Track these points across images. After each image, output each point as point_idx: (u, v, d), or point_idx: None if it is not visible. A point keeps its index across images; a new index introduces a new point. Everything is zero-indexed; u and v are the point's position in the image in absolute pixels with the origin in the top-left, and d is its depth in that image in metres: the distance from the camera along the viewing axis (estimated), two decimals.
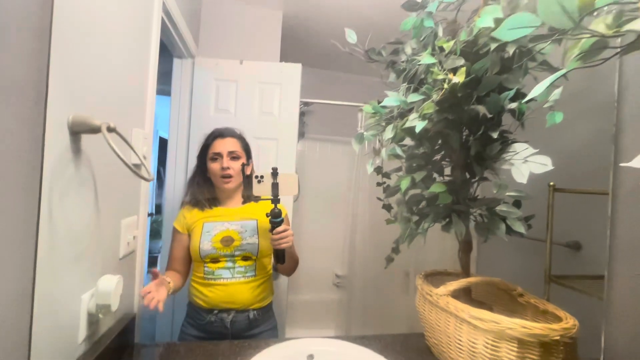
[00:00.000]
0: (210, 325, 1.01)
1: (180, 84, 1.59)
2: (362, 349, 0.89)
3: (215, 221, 1.04)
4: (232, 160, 1.05)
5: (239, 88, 1.57)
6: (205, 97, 1.57)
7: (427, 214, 0.89)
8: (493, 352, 0.69)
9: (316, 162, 2.45)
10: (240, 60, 1.57)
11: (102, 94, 0.70)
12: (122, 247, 0.83)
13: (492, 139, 0.75)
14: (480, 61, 0.72)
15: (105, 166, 0.72)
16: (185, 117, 1.58)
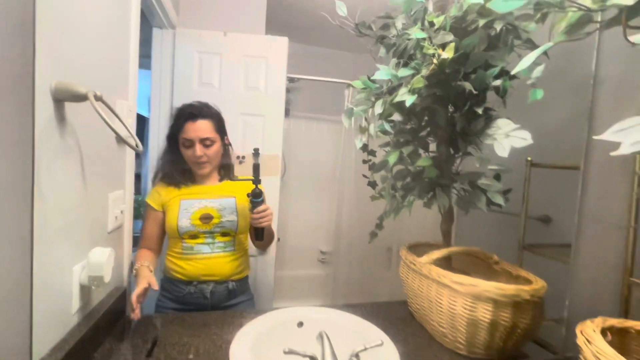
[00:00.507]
0: (190, 296, 1.03)
1: (160, 56, 1.52)
2: (348, 315, 0.94)
3: (192, 199, 1.04)
4: (206, 148, 1.01)
5: (223, 61, 1.52)
6: (187, 70, 1.51)
7: (412, 188, 0.93)
8: (471, 312, 0.75)
9: (302, 141, 2.44)
10: (224, 32, 1.51)
11: (84, 62, 0.66)
12: (111, 221, 0.82)
13: (477, 114, 0.78)
14: (468, 37, 0.73)
15: (90, 138, 0.70)
16: (167, 91, 1.52)
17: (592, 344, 0.50)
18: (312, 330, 0.81)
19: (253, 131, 1.54)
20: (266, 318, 0.91)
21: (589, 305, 0.72)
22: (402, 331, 0.90)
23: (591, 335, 0.52)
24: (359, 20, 0.94)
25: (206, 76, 1.52)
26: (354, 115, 0.91)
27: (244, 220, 1.07)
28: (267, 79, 1.54)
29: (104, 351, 0.73)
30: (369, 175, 1.12)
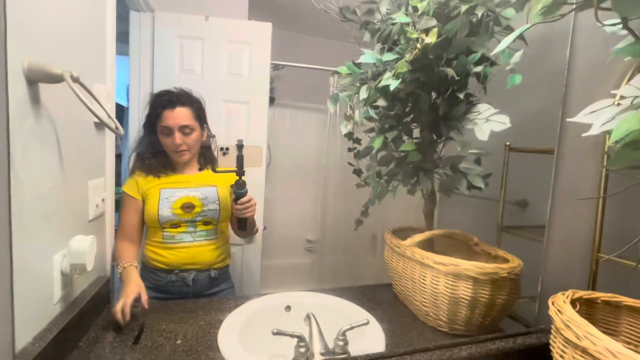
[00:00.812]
0: (171, 284, 1.02)
1: (139, 41, 1.46)
2: (335, 298, 0.96)
3: (173, 188, 1.02)
4: (185, 136, 0.99)
5: (205, 46, 1.48)
6: (168, 56, 1.47)
7: (396, 174, 0.95)
8: (452, 291, 0.78)
9: (287, 129, 2.43)
10: (205, 16, 1.47)
11: (58, 43, 0.64)
12: (91, 209, 0.80)
13: (459, 100, 0.80)
14: (450, 23, 0.74)
15: (68, 122, 0.68)
16: (146, 78, 1.48)
17: (563, 313, 0.53)
18: (299, 314, 0.83)
19: (237, 118, 1.52)
20: (254, 303, 0.92)
21: (561, 280, 0.77)
22: (387, 312, 0.93)
23: (562, 305, 0.55)
24: (343, 4, 0.94)
25: (188, 62, 1.48)
26: (340, 101, 0.91)
27: (226, 209, 1.07)
28: (251, 66, 1.52)
29: (89, 340, 0.72)
30: (354, 163, 1.13)
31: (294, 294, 0.99)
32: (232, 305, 0.89)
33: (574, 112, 0.54)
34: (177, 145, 0.99)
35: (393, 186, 0.93)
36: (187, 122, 0.99)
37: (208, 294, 1.07)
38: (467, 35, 0.77)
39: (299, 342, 0.67)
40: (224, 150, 0.94)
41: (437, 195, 1.01)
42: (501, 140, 0.99)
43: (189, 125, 0.99)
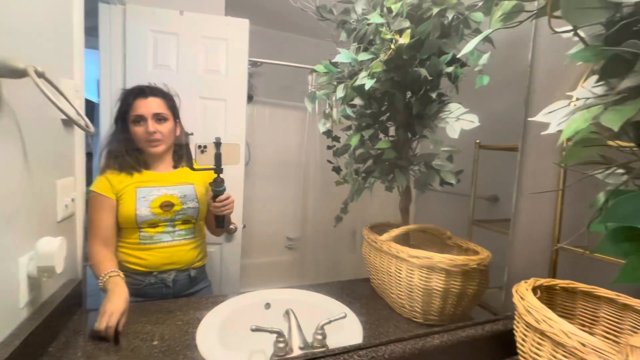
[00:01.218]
0: (150, 287, 1.00)
1: (110, 35, 1.41)
2: (314, 294, 0.98)
3: (149, 186, 1.00)
4: (159, 124, 0.98)
5: (180, 42, 1.44)
6: (141, 51, 1.42)
7: (373, 171, 0.97)
8: (426, 283, 0.81)
9: (266, 126, 2.41)
10: (180, 11, 1.43)
11: (21, 36, 0.61)
12: (60, 210, 0.77)
13: (431, 99, 0.83)
14: (423, 24, 0.77)
15: (33, 120, 0.65)
16: (118, 73, 1.42)
17: (525, 300, 0.57)
18: (279, 310, 0.84)
19: (214, 116, 1.50)
20: (233, 301, 0.92)
21: (525, 270, 0.82)
22: (365, 305, 0.95)
23: (524, 293, 0.59)
24: (320, 3, 0.94)
25: (162, 58, 1.44)
26: (317, 99, 0.92)
27: (205, 207, 1.06)
28: (228, 62, 1.50)
29: (60, 345, 0.69)
30: (333, 161, 1.14)
31: (273, 291, 1.00)
32: (211, 304, 0.88)
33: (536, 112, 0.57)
34: (151, 133, 0.96)
35: (370, 183, 0.95)
36: (160, 110, 0.98)
37: (188, 293, 1.06)
38: (438, 37, 0.80)
39: (277, 337, 0.67)
40: (202, 148, 0.93)
41: (413, 192, 1.04)
42: (472, 138, 1.03)
43: (162, 113, 0.98)
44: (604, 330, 0.64)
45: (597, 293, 0.63)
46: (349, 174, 1.02)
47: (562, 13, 0.35)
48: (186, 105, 1.10)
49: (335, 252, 2.10)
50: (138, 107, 0.97)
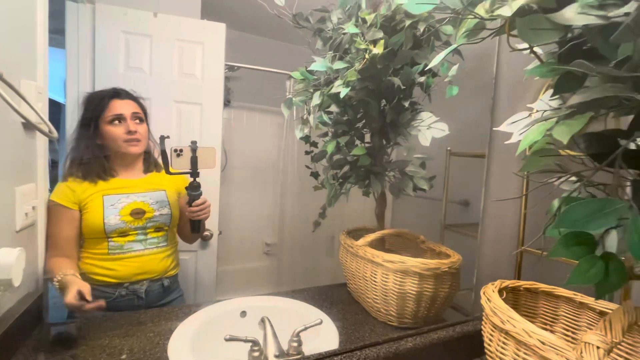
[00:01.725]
0: (121, 299, 0.95)
1: (77, 35, 1.35)
2: (291, 300, 0.97)
3: (118, 194, 0.96)
4: (138, 124, 0.98)
5: (154, 44, 1.40)
6: (112, 52, 1.37)
7: (349, 177, 0.99)
8: (400, 286, 0.83)
9: (243, 131, 2.39)
10: (154, 13, 1.40)
11: None
12: (19, 218, 0.73)
13: (404, 107, 0.86)
14: (396, 35, 0.79)
15: None
16: (86, 74, 1.36)
17: (491, 301, 0.60)
18: (255, 318, 0.82)
19: (189, 120, 1.47)
20: (208, 310, 0.90)
21: (493, 272, 0.86)
22: (341, 310, 0.96)
23: (491, 295, 0.62)
24: (296, 11, 0.95)
25: (134, 60, 1.40)
26: (293, 106, 0.93)
27: (177, 213, 1.04)
28: (204, 66, 1.47)
29: None
30: (311, 166, 1.15)
31: (249, 298, 0.99)
32: (184, 314, 0.86)
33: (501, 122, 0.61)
34: (132, 132, 0.95)
35: (346, 189, 0.97)
36: (138, 111, 0.99)
37: (161, 304, 1.02)
38: (411, 48, 0.83)
39: (252, 346, 0.67)
40: (178, 151, 0.93)
41: (389, 197, 1.07)
42: (444, 145, 1.08)
43: (140, 113, 0.98)
44: (564, 327, 0.68)
45: (557, 293, 0.67)
46: (326, 179, 1.03)
47: (517, 33, 0.37)
48: (160, 108, 1.08)
49: (313, 257, 2.10)
50: (116, 108, 0.95)
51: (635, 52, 0.35)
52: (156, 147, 1.06)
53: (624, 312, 0.47)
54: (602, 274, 0.34)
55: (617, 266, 0.35)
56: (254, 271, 2.42)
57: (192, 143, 0.94)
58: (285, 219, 2.07)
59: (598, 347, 0.42)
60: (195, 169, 0.93)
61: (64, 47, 1.38)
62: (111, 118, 0.94)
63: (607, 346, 0.43)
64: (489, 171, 0.84)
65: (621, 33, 0.34)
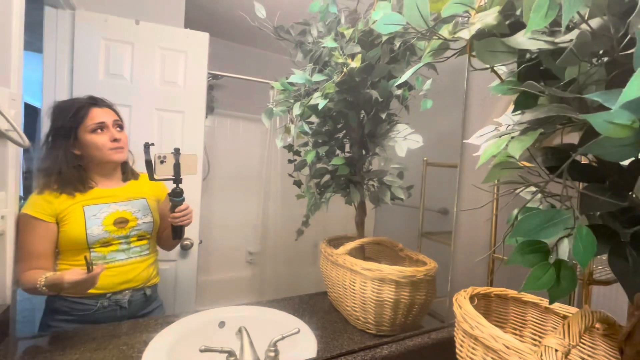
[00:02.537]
0: (102, 311, 0.92)
1: (55, 40, 1.33)
2: (270, 310, 0.97)
3: (98, 204, 0.94)
4: (119, 131, 0.98)
5: (135, 51, 1.40)
6: (91, 59, 1.35)
7: (329, 186, 1.00)
8: (378, 294, 0.84)
9: (227, 139, 2.38)
10: (136, 20, 1.40)
11: None
12: None
13: (382, 119, 0.88)
14: (373, 50, 0.83)
15: None
16: (64, 79, 1.34)
17: (462, 308, 0.62)
18: (234, 329, 0.82)
19: (170, 128, 1.45)
20: (186, 321, 0.89)
21: (467, 279, 0.88)
22: (321, 319, 0.96)
23: (462, 301, 0.64)
24: (277, 23, 0.98)
25: (115, 67, 1.38)
26: (274, 116, 0.94)
27: (159, 221, 1.03)
28: (187, 74, 1.47)
29: None
30: (294, 175, 1.16)
31: (228, 308, 0.98)
32: (161, 325, 0.84)
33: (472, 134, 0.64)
34: (117, 139, 0.94)
35: (326, 198, 0.98)
36: (117, 118, 0.98)
37: (143, 314, 1.00)
38: (388, 62, 0.86)
39: (228, 357, 0.66)
40: (162, 158, 0.94)
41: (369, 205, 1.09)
42: (421, 156, 1.11)
43: (119, 121, 0.99)
44: (532, 332, 0.71)
45: (525, 298, 0.70)
46: (307, 188, 1.04)
47: (476, 54, 0.40)
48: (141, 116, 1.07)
49: (296, 265, 2.09)
50: (97, 116, 0.94)
51: (580, 74, 0.38)
52: (133, 155, 1.05)
53: (582, 316, 0.49)
54: (554, 280, 0.36)
55: (567, 272, 0.37)
56: (237, 281, 2.38)
57: (175, 150, 0.95)
58: (269, 227, 2.06)
59: (556, 349, 0.45)
60: (178, 175, 0.94)
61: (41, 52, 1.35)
62: (94, 127, 0.93)
63: (564, 349, 0.45)
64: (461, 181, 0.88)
65: (566, 57, 0.37)
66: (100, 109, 0.97)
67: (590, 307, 0.52)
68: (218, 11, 1.91)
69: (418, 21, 0.43)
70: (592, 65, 0.38)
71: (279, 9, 0.99)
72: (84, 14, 1.35)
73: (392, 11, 0.80)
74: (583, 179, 0.39)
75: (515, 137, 0.38)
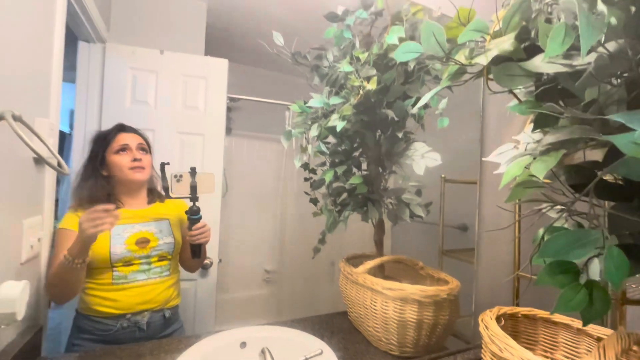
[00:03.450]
0: (122, 331, 0.94)
1: (87, 71, 1.42)
2: (291, 330, 0.96)
3: (123, 224, 0.98)
4: (142, 153, 1.03)
5: (159, 79, 1.48)
6: (119, 87, 1.44)
7: (347, 204, 1.01)
8: (400, 314, 0.83)
9: (244, 158, 2.43)
10: (160, 50, 1.48)
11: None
12: (25, 251, 0.74)
13: (398, 138, 0.90)
14: (388, 72, 0.85)
15: (3, 158, 0.64)
16: (94, 107, 1.42)
17: (489, 329, 0.60)
18: (256, 349, 0.82)
19: (192, 150, 1.51)
20: (208, 341, 0.89)
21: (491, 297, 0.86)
22: (342, 340, 0.95)
23: (488, 322, 0.62)
24: (295, 49, 1.02)
25: (140, 93, 1.46)
26: (292, 137, 0.97)
27: (180, 242, 1.06)
28: (207, 99, 1.54)
29: None
30: (310, 193, 1.18)
31: (249, 328, 0.98)
32: (184, 346, 0.85)
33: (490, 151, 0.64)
34: (137, 159, 0.99)
35: (344, 216, 0.99)
36: (143, 142, 1.04)
37: (162, 335, 1.01)
38: (402, 83, 0.88)
39: None
40: (178, 177, 0.97)
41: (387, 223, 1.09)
42: (438, 173, 1.11)
43: (143, 144, 1.04)
44: (564, 354, 0.68)
45: (555, 319, 0.68)
46: (325, 206, 1.06)
47: (494, 78, 0.42)
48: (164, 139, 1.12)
49: (313, 283, 2.08)
50: (122, 139, 1.01)
51: (600, 95, 0.39)
52: (159, 179, 1.10)
53: (618, 338, 0.48)
54: (586, 302, 0.36)
55: (600, 294, 0.36)
56: (254, 299, 2.38)
57: (192, 169, 0.98)
58: (285, 245, 2.07)
59: None
60: (194, 193, 0.97)
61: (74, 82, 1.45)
62: (118, 148, 0.99)
63: None
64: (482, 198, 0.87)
65: (585, 79, 0.38)
66: (126, 133, 1.03)
67: (625, 329, 0.50)
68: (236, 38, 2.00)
69: (435, 48, 0.44)
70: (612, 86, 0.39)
71: (296, 35, 1.03)
72: (113, 46, 1.44)
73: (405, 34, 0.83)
74: (610, 198, 0.39)
75: (538, 158, 0.39)
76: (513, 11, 0.43)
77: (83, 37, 1.39)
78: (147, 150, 1.06)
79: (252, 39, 1.96)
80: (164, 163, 1.03)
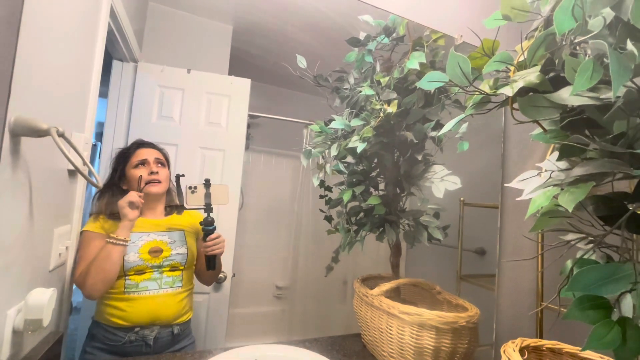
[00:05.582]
0: (129, 345, 0.95)
1: (119, 87, 1.50)
2: (304, 351, 0.95)
3: (139, 232, 1.01)
4: (159, 167, 1.07)
5: (185, 96, 1.55)
6: (147, 103, 1.51)
7: (364, 224, 1.01)
8: (417, 340, 0.81)
9: (260, 174, 2.47)
10: (187, 69, 1.56)
11: (44, 96, 0.67)
12: (53, 259, 0.77)
13: (417, 160, 0.90)
14: (409, 96, 0.87)
15: (42, 171, 0.68)
16: (123, 121, 1.50)
17: None
18: None
19: (212, 164, 1.56)
20: (219, 359, 0.89)
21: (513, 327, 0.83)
22: None
23: (511, 354, 0.60)
24: (317, 72, 1.06)
25: (166, 110, 1.53)
26: (312, 156, 0.99)
27: (194, 253, 1.07)
28: (229, 116, 1.59)
29: None
30: (325, 210, 1.18)
31: (261, 347, 0.97)
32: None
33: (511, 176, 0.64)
34: (154, 172, 1.03)
35: (361, 236, 0.99)
36: (160, 157, 1.09)
37: (170, 352, 1.01)
38: (422, 107, 0.90)
39: None
40: (192, 188, 1.00)
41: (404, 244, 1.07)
42: (457, 196, 1.10)
43: (162, 159, 1.09)
44: None
45: (583, 355, 0.65)
46: (340, 224, 1.06)
47: (520, 109, 0.42)
48: (187, 154, 1.16)
49: (325, 301, 2.04)
50: (141, 154, 1.06)
51: (629, 129, 0.39)
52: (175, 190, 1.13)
53: None
54: (620, 340, 0.35)
55: (634, 332, 0.35)
56: (264, 315, 2.35)
57: (206, 181, 1.02)
58: (298, 261, 2.06)
59: None
60: (208, 204, 1.00)
61: (105, 97, 1.54)
62: (136, 163, 1.04)
63: None
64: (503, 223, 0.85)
65: (614, 112, 0.38)
66: (145, 149, 1.09)
67: None
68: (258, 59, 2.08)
69: (460, 79, 0.46)
70: None
71: (319, 58, 1.07)
72: (144, 65, 1.53)
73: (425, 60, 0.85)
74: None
75: (566, 189, 0.39)
76: (538, 44, 0.44)
77: (117, 57, 1.48)
78: (164, 164, 1.10)
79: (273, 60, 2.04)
80: (179, 175, 1.07)
